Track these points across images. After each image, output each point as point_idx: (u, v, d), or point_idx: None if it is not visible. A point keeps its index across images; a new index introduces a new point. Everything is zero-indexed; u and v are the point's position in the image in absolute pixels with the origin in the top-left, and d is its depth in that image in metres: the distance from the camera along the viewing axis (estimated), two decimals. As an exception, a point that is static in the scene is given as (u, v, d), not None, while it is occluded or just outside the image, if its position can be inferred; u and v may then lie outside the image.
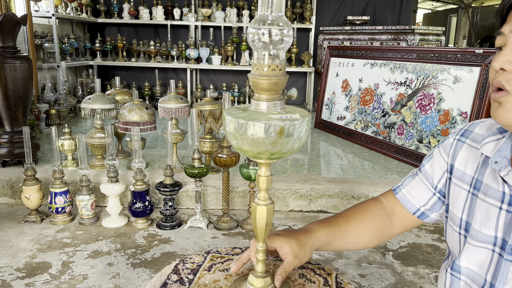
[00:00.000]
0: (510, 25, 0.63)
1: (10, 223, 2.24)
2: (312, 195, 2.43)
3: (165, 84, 5.40)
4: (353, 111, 3.53)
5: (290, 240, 0.78)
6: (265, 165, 0.70)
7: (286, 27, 0.62)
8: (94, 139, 2.56)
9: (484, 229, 0.72)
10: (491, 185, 0.73)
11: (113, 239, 2.08)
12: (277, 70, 0.64)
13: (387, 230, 0.91)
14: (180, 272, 0.83)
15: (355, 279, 1.76)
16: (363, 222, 0.90)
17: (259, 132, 0.60)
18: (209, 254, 0.91)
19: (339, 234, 0.87)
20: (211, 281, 0.80)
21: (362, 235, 0.89)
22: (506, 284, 0.68)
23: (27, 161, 2.18)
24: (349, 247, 0.90)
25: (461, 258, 0.76)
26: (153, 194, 2.43)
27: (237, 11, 5.17)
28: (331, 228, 0.87)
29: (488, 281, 0.71)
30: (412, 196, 0.89)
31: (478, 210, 0.74)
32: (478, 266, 0.73)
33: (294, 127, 0.61)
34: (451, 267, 0.78)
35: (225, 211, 2.25)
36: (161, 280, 0.80)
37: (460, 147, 0.81)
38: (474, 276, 0.74)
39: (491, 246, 0.71)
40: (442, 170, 0.84)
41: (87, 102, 2.55)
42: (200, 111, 2.49)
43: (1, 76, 2.48)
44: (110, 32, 5.52)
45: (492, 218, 0.71)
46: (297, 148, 0.66)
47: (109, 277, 1.74)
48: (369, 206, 0.93)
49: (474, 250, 0.74)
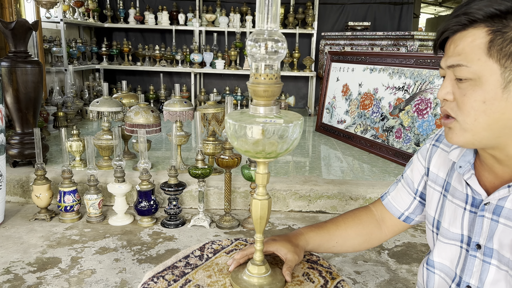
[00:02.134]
0: (446, 60, 0.71)
1: (21, 220, 2.33)
2: (311, 196, 2.52)
3: (169, 87, 5.51)
4: (353, 115, 3.61)
5: (285, 243, 0.90)
6: (263, 164, 0.78)
7: (280, 40, 0.70)
8: (101, 140, 2.66)
9: (452, 228, 0.81)
10: (457, 188, 0.81)
11: (119, 236, 2.17)
12: (273, 79, 0.72)
13: (375, 236, 1.00)
14: (204, 250, 0.95)
15: (351, 275, 1.84)
16: (351, 228, 0.99)
17: (255, 134, 0.69)
18: (237, 241, 1.02)
19: (327, 238, 0.97)
20: (223, 262, 0.90)
21: (349, 239, 0.99)
22: (471, 277, 0.76)
23: (38, 161, 2.28)
24: (338, 250, 0.99)
25: (434, 254, 0.84)
26: (158, 194, 2.52)
27: (241, 17, 5.27)
28: (319, 233, 0.97)
29: (457, 275, 0.79)
30: (396, 202, 0.98)
31: (447, 210, 0.83)
32: (449, 261, 0.81)
33: (287, 130, 0.70)
34: (427, 262, 0.87)
35: (227, 211, 2.34)
36: (186, 253, 0.92)
37: (435, 152, 0.89)
38: (447, 270, 0.82)
39: (459, 243, 0.80)
40: (421, 174, 0.93)
41: (95, 105, 2.64)
42: (204, 114, 2.58)
43: (13, 80, 2.58)
44: (116, 36, 5.64)
45: (458, 218, 0.80)
46: (290, 149, 0.74)
47: (116, 271, 1.83)
48: (358, 214, 1.02)
49: (444, 247, 0.82)
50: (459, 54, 0.68)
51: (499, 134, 0.68)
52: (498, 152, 0.71)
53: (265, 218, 0.80)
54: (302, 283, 0.86)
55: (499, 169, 0.74)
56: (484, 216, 0.74)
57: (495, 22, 0.65)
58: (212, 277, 0.87)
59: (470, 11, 0.66)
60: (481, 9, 0.65)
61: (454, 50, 0.69)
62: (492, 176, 0.76)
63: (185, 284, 0.83)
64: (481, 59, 0.65)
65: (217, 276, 0.87)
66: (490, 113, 0.66)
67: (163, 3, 5.45)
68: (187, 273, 0.88)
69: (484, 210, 0.74)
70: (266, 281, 0.81)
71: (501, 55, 0.64)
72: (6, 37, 2.58)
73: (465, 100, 0.68)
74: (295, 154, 3.33)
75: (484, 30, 0.65)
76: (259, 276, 0.81)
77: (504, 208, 0.71)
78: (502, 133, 0.68)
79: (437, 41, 0.74)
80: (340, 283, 0.88)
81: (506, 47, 0.64)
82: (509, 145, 0.69)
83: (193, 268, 0.90)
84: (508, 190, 0.70)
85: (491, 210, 0.73)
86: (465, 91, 0.68)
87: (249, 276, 0.81)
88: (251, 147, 0.71)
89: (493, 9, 0.64)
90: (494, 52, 0.65)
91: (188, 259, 0.93)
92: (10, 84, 2.58)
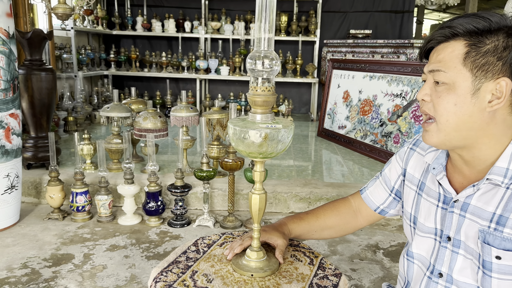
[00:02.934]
0: (428, 65, 0.82)
1: (35, 220, 2.46)
2: (311, 198, 2.63)
3: (175, 93, 5.65)
4: (353, 121, 3.72)
5: (274, 232, 1.05)
6: (259, 163, 0.90)
7: (275, 59, 0.83)
8: (111, 144, 2.79)
9: (427, 222, 0.92)
10: (431, 187, 0.93)
11: (128, 235, 2.29)
12: (270, 91, 0.85)
13: (351, 225, 1.14)
14: (198, 245, 1.07)
15: (347, 272, 1.95)
16: (329, 218, 1.13)
17: (260, 138, 0.81)
18: (224, 235, 1.14)
19: (308, 229, 1.12)
20: (220, 253, 1.02)
21: (327, 228, 1.13)
22: (443, 265, 0.87)
23: (52, 163, 2.41)
24: (316, 237, 1.14)
25: (413, 246, 0.96)
26: (165, 195, 2.64)
27: (245, 24, 5.42)
28: (300, 224, 1.12)
29: (431, 264, 0.90)
30: (374, 197, 1.10)
31: (422, 207, 0.94)
32: (425, 252, 0.92)
33: (278, 134, 0.82)
34: (406, 253, 0.98)
35: (230, 211, 2.45)
36: (183, 249, 1.03)
37: (412, 154, 1.01)
38: (423, 260, 0.93)
39: (433, 236, 0.91)
40: (398, 174, 1.04)
41: (106, 110, 2.78)
42: (209, 119, 2.71)
43: (28, 86, 2.72)
44: (124, 43, 5.80)
45: (432, 214, 0.91)
46: (284, 149, 0.86)
47: (125, 267, 1.95)
48: (337, 205, 1.15)
49: (421, 239, 0.93)
50: (439, 61, 0.79)
51: (466, 136, 0.79)
52: (466, 153, 0.82)
53: (262, 210, 0.92)
54: (292, 263, 0.98)
55: (467, 171, 0.85)
56: (453, 212, 0.85)
57: (472, 37, 0.76)
58: (215, 266, 0.98)
59: (453, 25, 0.78)
60: (462, 25, 0.77)
61: (436, 58, 0.80)
62: (461, 177, 0.87)
63: (194, 274, 0.95)
64: (457, 67, 0.77)
65: (219, 265, 0.99)
66: (460, 115, 0.78)
67: (170, 11, 5.61)
68: (191, 265, 0.99)
69: (454, 207, 0.85)
70: (263, 264, 0.93)
71: (473, 65, 0.76)
72: (23, 46, 2.73)
73: (440, 102, 0.79)
74: (297, 158, 3.45)
75: (462, 43, 0.77)
76: (258, 261, 0.93)
77: (470, 205, 0.82)
78: (468, 135, 0.79)
79: (423, 49, 0.85)
80: (323, 259, 1.03)
81: (478, 59, 0.75)
82: (475, 146, 0.80)
83: (194, 261, 1.01)
84: (473, 189, 0.81)
85: (459, 206, 0.84)
86: (440, 94, 0.79)
87: (249, 261, 0.94)
88: (256, 149, 0.83)
89: (472, 26, 0.76)
90: (468, 63, 0.76)
91: (187, 254, 1.04)
92: (26, 90, 2.72)
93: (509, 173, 0.77)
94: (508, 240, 0.75)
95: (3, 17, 2.14)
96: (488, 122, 0.77)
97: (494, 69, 0.75)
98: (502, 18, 0.76)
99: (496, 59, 0.75)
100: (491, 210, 0.78)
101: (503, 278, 0.77)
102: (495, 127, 0.78)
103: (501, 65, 0.75)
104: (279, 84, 5.47)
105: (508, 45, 0.74)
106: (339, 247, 2.20)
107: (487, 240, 0.77)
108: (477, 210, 0.80)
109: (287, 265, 0.98)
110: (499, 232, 0.76)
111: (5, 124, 2.20)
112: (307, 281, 0.92)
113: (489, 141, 0.79)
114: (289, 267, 0.97)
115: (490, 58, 0.75)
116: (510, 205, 0.76)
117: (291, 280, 0.92)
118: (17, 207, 2.37)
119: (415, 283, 0.93)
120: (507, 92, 0.75)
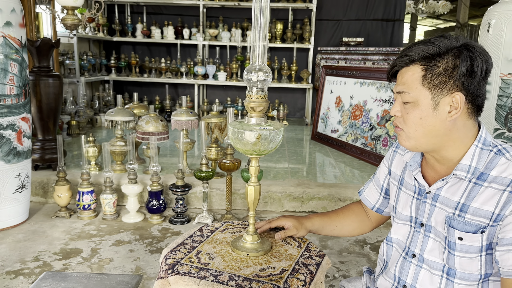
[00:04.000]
0: (396, 87, 0.98)
1: (43, 218, 2.61)
2: (304, 198, 2.79)
3: (174, 98, 5.81)
4: (345, 125, 3.90)
5: (291, 220, 1.22)
6: (254, 159, 1.07)
7: (267, 72, 0.99)
8: (115, 146, 2.94)
9: (404, 211, 1.08)
10: (408, 181, 1.09)
11: (132, 231, 2.44)
12: (263, 98, 1.01)
13: (366, 223, 1.29)
14: (202, 231, 1.23)
15: (336, 264, 2.11)
16: (348, 217, 1.29)
17: (247, 137, 0.98)
18: (226, 223, 1.30)
19: (329, 223, 1.27)
20: (221, 237, 1.18)
21: (346, 225, 1.28)
22: (416, 247, 1.04)
23: (60, 164, 2.56)
24: (337, 233, 1.29)
25: (392, 232, 1.12)
26: (166, 195, 2.79)
27: (242, 32, 5.60)
28: (323, 218, 1.28)
29: (407, 246, 1.07)
30: (369, 197, 1.26)
31: (401, 198, 1.11)
32: (402, 236, 1.09)
33: (269, 134, 0.98)
34: (386, 238, 1.15)
35: (228, 210, 2.61)
36: (190, 233, 1.20)
37: (395, 156, 1.17)
38: (400, 244, 1.09)
39: (409, 223, 1.07)
40: (385, 174, 1.21)
41: (110, 114, 2.94)
42: (208, 123, 2.87)
43: (37, 92, 2.88)
44: (124, 49, 5.97)
45: (408, 204, 1.07)
46: (275, 147, 1.03)
47: (131, 260, 2.10)
48: (353, 206, 1.32)
49: (399, 226, 1.10)
50: (404, 83, 0.95)
51: (434, 141, 0.96)
52: (435, 154, 0.99)
53: (257, 199, 1.09)
54: (283, 246, 1.15)
55: (438, 167, 1.02)
56: (426, 201, 1.01)
57: (426, 62, 0.92)
58: (216, 247, 1.14)
59: (410, 53, 0.94)
60: (418, 53, 0.93)
61: (401, 80, 0.96)
62: (433, 173, 1.03)
63: (198, 253, 1.11)
64: (418, 87, 0.93)
65: (220, 246, 1.15)
66: (425, 126, 0.94)
67: (169, 18, 5.79)
68: (196, 246, 1.16)
69: (426, 198, 1.01)
70: (257, 246, 1.10)
71: (430, 85, 0.91)
72: (32, 53, 2.89)
73: (408, 117, 0.96)
74: (292, 161, 3.61)
75: (420, 67, 0.93)
76: (252, 243, 1.09)
77: (439, 195, 0.98)
78: (436, 140, 0.95)
79: (389, 74, 1.02)
80: (310, 243, 1.19)
81: (434, 80, 0.91)
82: (442, 149, 0.97)
83: (199, 243, 1.17)
84: (442, 183, 0.97)
85: (431, 197, 1.00)
86: (408, 110, 0.95)
87: (244, 243, 1.10)
88: (251, 147, 0.99)
89: (424, 52, 0.92)
90: (426, 83, 0.92)
91: (193, 237, 1.21)
92: (34, 95, 2.88)
93: (471, 169, 0.93)
94: (468, 224, 0.91)
95: (16, 27, 2.30)
96: (450, 128, 0.93)
97: (447, 86, 0.90)
98: (450, 40, 0.92)
99: (448, 78, 0.90)
100: (456, 200, 0.94)
101: (464, 256, 0.93)
102: (457, 132, 0.94)
103: (453, 82, 0.90)
104: (274, 89, 5.65)
105: (456, 65, 0.90)
106: (329, 242, 2.36)
107: (452, 224, 0.93)
108: (445, 200, 0.97)
109: (278, 248, 1.14)
110: (461, 217, 0.92)
111: (17, 127, 2.36)
112: (294, 260, 1.08)
113: (454, 143, 0.95)
114: (280, 249, 1.14)
115: (443, 78, 0.90)
116: (471, 196, 0.92)
117: (281, 259, 1.08)
118: (26, 206, 2.52)
119: (392, 263, 1.10)
120: (461, 103, 0.90)
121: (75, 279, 1.30)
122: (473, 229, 0.91)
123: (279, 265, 1.04)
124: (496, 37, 2.38)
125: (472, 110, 0.93)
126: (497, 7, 2.41)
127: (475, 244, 0.91)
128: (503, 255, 0.86)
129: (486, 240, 0.90)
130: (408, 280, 1.03)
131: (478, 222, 0.90)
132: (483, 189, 0.91)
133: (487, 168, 0.92)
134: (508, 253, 0.85)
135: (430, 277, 0.99)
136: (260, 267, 1.03)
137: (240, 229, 1.26)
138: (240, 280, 0.97)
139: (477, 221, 0.90)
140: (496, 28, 2.38)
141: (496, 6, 2.43)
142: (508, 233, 0.86)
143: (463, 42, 0.91)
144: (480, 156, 0.93)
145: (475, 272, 0.93)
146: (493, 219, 0.88)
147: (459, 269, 0.94)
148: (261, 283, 0.95)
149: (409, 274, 1.03)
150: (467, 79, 0.89)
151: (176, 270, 1.01)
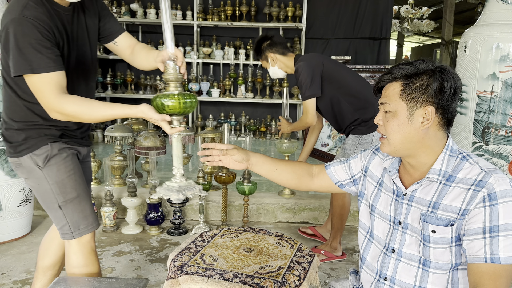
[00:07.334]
0: (381, 99, 1.15)
1: (45, 230, 2.69)
2: (296, 209, 2.92)
3: (168, 114, 5.95)
4: (335, 139, 4.06)
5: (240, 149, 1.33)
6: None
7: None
8: (114, 161, 3.06)
9: (385, 210, 1.23)
10: (388, 184, 1.24)
11: (132, 242, 2.55)
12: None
13: (304, 181, 1.41)
14: (203, 236, 1.35)
15: (326, 271, 2.23)
16: (290, 167, 1.41)
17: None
18: (223, 229, 1.43)
19: (271, 164, 1.39)
20: (221, 242, 1.31)
21: (285, 172, 1.39)
22: (395, 243, 1.18)
23: (62, 178, 2.67)
24: (275, 177, 1.39)
25: (373, 228, 1.26)
26: (164, 207, 2.90)
27: (234, 50, 5.79)
28: (268, 159, 1.40)
29: (387, 243, 1.21)
30: (337, 174, 1.39)
31: (382, 199, 1.25)
32: (382, 233, 1.23)
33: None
34: (360, 225, 1.28)
35: (223, 221, 2.73)
36: (192, 239, 1.32)
37: (374, 157, 1.32)
38: (380, 241, 1.23)
39: (388, 222, 1.21)
40: (360, 168, 1.35)
41: (110, 130, 3.06)
42: (204, 138, 3.01)
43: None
44: (119, 67, 6.12)
45: (388, 204, 1.22)
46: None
47: (132, 269, 2.20)
48: (298, 163, 1.44)
49: (379, 221, 1.24)
50: (386, 96, 1.13)
51: (409, 147, 1.12)
52: (411, 159, 1.15)
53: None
54: (277, 247, 1.28)
55: (413, 172, 1.17)
56: (403, 202, 1.16)
57: (406, 79, 1.10)
58: (218, 250, 1.27)
59: (393, 72, 1.12)
60: (399, 72, 1.11)
61: (385, 94, 1.14)
62: (409, 177, 1.19)
63: (203, 256, 1.23)
64: (397, 100, 1.10)
65: (221, 250, 1.27)
66: (402, 133, 1.10)
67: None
68: (199, 250, 1.28)
69: (404, 199, 1.16)
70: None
71: (407, 98, 1.09)
72: (35, 73, 3.01)
73: (388, 124, 1.13)
74: (283, 174, 3.75)
75: (400, 83, 1.11)
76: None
77: (415, 197, 1.14)
78: (411, 146, 1.11)
79: (375, 88, 1.18)
80: (301, 245, 1.33)
81: (410, 94, 1.09)
82: (417, 155, 1.13)
83: (201, 247, 1.30)
84: (417, 185, 1.13)
85: (408, 198, 1.15)
86: (388, 119, 1.12)
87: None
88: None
89: (405, 72, 1.10)
90: (404, 97, 1.09)
91: (195, 243, 1.33)
92: (37, 112, 2.99)
93: (442, 173, 1.09)
94: (440, 219, 1.07)
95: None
96: (423, 137, 1.10)
97: (421, 100, 1.08)
98: (427, 63, 1.10)
99: (422, 93, 1.08)
100: (429, 199, 1.10)
101: (437, 247, 1.08)
102: (429, 140, 1.11)
103: (426, 97, 1.08)
104: (267, 105, 5.82)
105: (430, 83, 1.08)
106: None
107: (426, 219, 1.09)
108: (420, 200, 1.13)
109: (273, 249, 1.27)
110: (434, 213, 1.08)
111: (23, 143, 2.47)
112: (288, 259, 1.21)
113: (426, 150, 1.12)
114: (275, 250, 1.27)
115: (418, 93, 1.08)
116: (441, 194, 1.08)
117: (277, 258, 1.21)
118: (29, 219, 2.61)
119: (373, 258, 1.23)
120: (432, 115, 1.08)
121: (87, 283, 1.41)
122: (444, 222, 1.06)
123: (276, 264, 1.17)
124: (472, 57, 2.57)
125: (443, 123, 1.10)
126: (473, 30, 2.61)
127: (446, 236, 1.06)
128: (470, 243, 1.01)
129: (455, 232, 1.06)
130: (388, 272, 1.17)
131: (448, 217, 1.06)
132: (452, 189, 1.07)
133: (454, 171, 1.09)
134: (473, 242, 1.01)
135: (409, 269, 1.13)
136: (259, 266, 1.16)
137: (236, 234, 1.39)
138: (243, 277, 1.10)
139: (447, 216, 1.06)
140: (472, 49, 2.58)
141: (472, 29, 2.63)
142: (473, 224, 1.01)
143: (437, 65, 1.10)
144: (448, 161, 1.10)
145: (446, 262, 1.08)
146: (461, 213, 1.04)
147: (433, 260, 1.09)
148: (262, 279, 1.08)
149: (389, 267, 1.17)
150: (437, 95, 1.07)
151: (185, 271, 1.13)
